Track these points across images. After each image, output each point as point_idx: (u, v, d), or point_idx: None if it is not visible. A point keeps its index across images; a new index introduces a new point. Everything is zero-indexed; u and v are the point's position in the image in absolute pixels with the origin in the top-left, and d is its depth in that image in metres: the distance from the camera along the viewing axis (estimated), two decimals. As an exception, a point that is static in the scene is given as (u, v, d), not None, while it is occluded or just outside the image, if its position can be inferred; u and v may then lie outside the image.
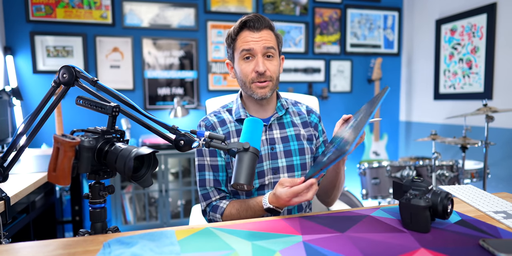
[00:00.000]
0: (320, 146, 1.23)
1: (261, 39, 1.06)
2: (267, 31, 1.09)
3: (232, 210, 1.06)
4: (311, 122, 1.23)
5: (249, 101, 1.17)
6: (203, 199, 1.12)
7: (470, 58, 2.80)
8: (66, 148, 0.67)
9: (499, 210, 0.92)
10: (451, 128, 3.00)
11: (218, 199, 1.11)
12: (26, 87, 2.69)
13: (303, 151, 1.16)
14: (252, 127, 0.86)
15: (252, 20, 1.06)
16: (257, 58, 1.07)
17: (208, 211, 1.11)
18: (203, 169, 1.13)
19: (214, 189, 1.12)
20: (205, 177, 1.13)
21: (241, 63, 1.09)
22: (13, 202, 1.19)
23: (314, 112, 1.25)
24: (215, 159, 1.13)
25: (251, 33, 1.07)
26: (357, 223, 0.84)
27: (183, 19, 2.99)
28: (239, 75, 1.11)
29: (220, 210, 1.08)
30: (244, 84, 1.11)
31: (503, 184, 2.58)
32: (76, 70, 0.84)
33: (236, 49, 1.10)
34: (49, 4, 2.69)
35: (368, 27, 3.47)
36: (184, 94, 3.05)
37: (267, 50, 1.07)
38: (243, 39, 1.07)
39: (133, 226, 2.59)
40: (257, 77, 1.07)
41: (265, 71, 1.07)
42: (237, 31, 1.09)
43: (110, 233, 0.81)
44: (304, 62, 3.32)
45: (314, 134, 1.22)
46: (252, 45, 1.06)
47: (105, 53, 2.84)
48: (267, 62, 1.08)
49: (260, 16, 1.07)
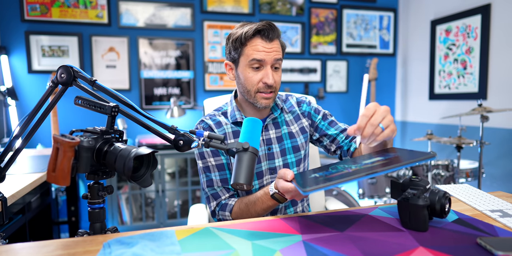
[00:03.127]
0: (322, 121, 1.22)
1: (273, 50, 1.06)
2: (277, 42, 1.08)
3: (241, 205, 1.05)
4: (303, 112, 1.23)
5: (245, 104, 1.17)
6: (213, 199, 1.12)
7: (465, 58, 2.83)
8: (66, 148, 0.66)
9: (495, 209, 0.93)
10: (447, 128, 3.03)
11: (227, 197, 1.12)
12: (21, 87, 2.67)
13: (297, 148, 1.18)
14: (251, 127, 0.86)
15: (266, 30, 1.04)
16: (266, 69, 1.06)
17: (217, 210, 1.11)
18: (209, 171, 1.13)
19: (223, 188, 1.13)
20: (211, 178, 1.13)
21: (249, 71, 1.08)
22: (10, 203, 1.18)
23: (304, 102, 1.25)
24: (219, 158, 1.13)
25: (263, 42, 1.05)
26: (356, 222, 0.85)
27: (179, 19, 2.99)
28: (243, 82, 1.10)
29: (229, 208, 1.08)
30: (248, 92, 1.10)
31: (497, 183, 2.61)
32: (74, 70, 0.84)
33: (245, 55, 1.07)
34: (45, 3, 2.67)
35: (364, 27, 3.49)
36: (181, 94, 3.04)
37: (276, 62, 1.07)
38: (255, 48, 1.05)
39: (129, 227, 2.58)
40: (263, 88, 1.07)
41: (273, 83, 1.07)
42: (249, 37, 1.06)
43: (110, 234, 0.80)
44: (300, 62, 3.33)
45: (309, 123, 1.22)
46: (264, 56, 1.05)
47: (101, 53, 2.83)
48: (274, 74, 1.08)
49: (274, 26, 1.06)
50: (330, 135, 1.19)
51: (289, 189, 0.87)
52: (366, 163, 0.79)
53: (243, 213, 1.05)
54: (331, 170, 0.81)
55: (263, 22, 1.06)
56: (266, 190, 0.98)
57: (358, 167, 0.76)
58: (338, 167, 0.82)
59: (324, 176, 0.77)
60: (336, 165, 0.85)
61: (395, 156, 0.79)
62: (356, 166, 0.78)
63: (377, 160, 0.79)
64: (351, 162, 0.84)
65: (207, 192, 1.14)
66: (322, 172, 0.83)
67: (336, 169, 0.81)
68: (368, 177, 0.70)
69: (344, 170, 0.77)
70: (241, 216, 1.05)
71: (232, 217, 1.08)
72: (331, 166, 0.86)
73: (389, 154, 0.84)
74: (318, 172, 0.85)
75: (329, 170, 0.82)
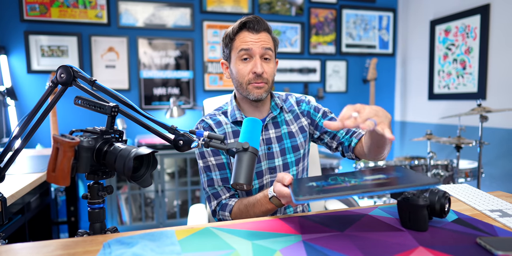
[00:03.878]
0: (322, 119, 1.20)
1: (260, 40, 1.07)
2: (266, 34, 1.10)
3: (241, 206, 1.06)
4: (302, 111, 1.22)
5: (244, 102, 1.17)
6: (214, 198, 1.13)
7: (464, 58, 2.83)
8: (66, 148, 0.66)
9: (495, 209, 0.93)
10: (446, 128, 3.03)
11: (228, 197, 1.12)
12: (21, 87, 2.67)
13: (296, 147, 1.18)
14: (251, 127, 0.86)
15: (252, 22, 1.07)
16: (255, 59, 1.08)
17: (218, 210, 1.11)
18: (209, 170, 1.13)
19: (224, 187, 1.13)
20: (212, 177, 1.13)
21: (239, 63, 1.09)
22: (9, 203, 1.18)
23: (303, 101, 1.24)
24: (219, 157, 1.13)
25: (250, 34, 1.08)
26: (355, 222, 0.85)
27: (178, 19, 2.99)
28: (235, 76, 1.11)
29: (228, 208, 1.08)
30: (240, 85, 1.11)
31: (496, 183, 2.61)
32: (74, 70, 0.84)
33: (234, 49, 1.10)
34: (44, 3, 2.67)
35: (363, 27, 3.49)
36: (180, 94, 3.04)
37: (265, 51, 1.08)
38: (242, 39, 1.08)
39: (129, 227, 2.58)
40: (254, 78, 1.08)
41: (262, 73, 1.07)
42: (236, 31, 1.09)
43: (109, 234, 0.80)
44: (300, 62, 3.33)
45: (309, 122, 1.21)
46: (251, 45, 1.06)
47: (100, 52, 2.82)
48: (264, 65, 1.09)
49: (259, 19, 1.08)
50: (330, 132, 1.18)
51: (285, 194, 0.87)
52: (366, 179, 0.78)
53: (242, 214, 1.05)
54: (330, 181, 0.81)
55: (249, 16, 1.08)
56: (266, 193, 0.98)
57: (357, 183, 0.75)
58: (338, 179, 0.81)
59: (321, 187, 0.77)
60: (337, 176, 0.85)
61: (398, 177, 0.76)
62: (356, 181, 0.77)
63: (378, 178, 0.78)
64: (352, 176, 0.84)
65: (208, 192, 1.14)
66: (320, 182, 0.82)
67: (335, 181, 0.80)
68: (363, 195, 0.69)
69: (342, 184, 0.76)
70: (240, 217, 1.05)
71: (231, 218, 1.08)
72: (331, 177, 0.85)
73: (393, 173, 0.81)
74: (316, 181, 0.84)
75: (328, 181, 0.81)
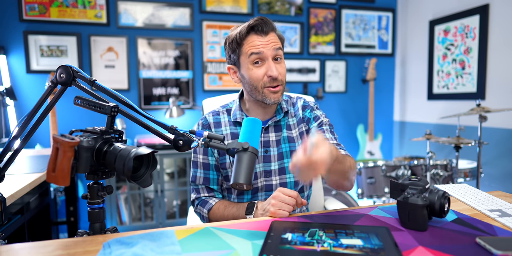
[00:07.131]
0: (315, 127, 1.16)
1: (270, 42, 1.05)
2: (273, 34, 1.07)
3: (221, 206, 1.10)
4: (304, 117, 1.19)
5: (251, 103, 1.15)
6: (194, 192, 1.19)
7: (463, 58, 2.84)
8: (66, 148, 0.66)
9: (494, 209, 0.93)
10: (445, 128, 3.03)
11: (207, 196, 1.17)
12: (20, 87, 2.67)
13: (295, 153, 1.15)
14: (251, 127, 0.86)
15: (259, 24, 1.04)
16: (268, 62, 1.05)
17: (197, 203, 1.16)
18: (196, 166, 1.18)
19: (204, 187, 1.17)
20: (196, 174, 1.18)
21: (251, 68, 1.06)
22: (9, 203, 1.18)
23: (309, 107, 1.20)
24: (206, 157, 1.16)
25: (259, 37, 1.05)
26: (355, 222, 0.85)
27: (178, 19, 2.99)
28: (248, 80, 1.08)
29: (208, 206, 1.12)
30: (255, 89, 1.07)
31: (495, 182, 2.62)
32: (73, 70, 0.84)
33: (243, 53, 1.06)
34: (43, 3, 2.66)
35: (362, 27, 3.50)
36: (180, 94, 3.04)
37: (276, 52, 1.06)
38: (251, 44, 1.04)
39: (128, 227, 2.58)
40: (269, 82, 1.06)
41: (277, 75, 1.05)
42: (244, 35, 1.05)
43: (109, 234, 0.80)
44: (299, 62, 3.33)
45: (306, 129, 1.18)
46: (262, 48, 1.04)
47: (100, 52, 2.82)
48: (278, 66, 1.06)
49: (266, 19, 1.05)
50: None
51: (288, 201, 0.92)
52: (341, 243, 0.71)
53: (218, 214, 1.10)
54: (307, 236, 0.74)
55: (255, 18, 1.05)
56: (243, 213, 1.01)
57: (329, 249, 0.68)
58: (315, 236, 0.74)
59: (291, 245, 0.70)
60: (318, 231, 0.77)
61: (374, 250, 0.68)
62: (329, 245, 0.70)
63: (354, 245, 0.70)
64: (331, 231, 0.77)
65: (191, 185, 1.20)
66: (296, 235, 0.75)
67: (312, 237, 0.73)
68: None
69: (314, 245, 0.69)
70: (215, 219, 1.10)
71: (208, 216, 1.12)
72: (311, 229, 0.78)
73: (374, 239, 0.73)
74: (296, 231, 0.77)
75: (304, 236, 0.74)
